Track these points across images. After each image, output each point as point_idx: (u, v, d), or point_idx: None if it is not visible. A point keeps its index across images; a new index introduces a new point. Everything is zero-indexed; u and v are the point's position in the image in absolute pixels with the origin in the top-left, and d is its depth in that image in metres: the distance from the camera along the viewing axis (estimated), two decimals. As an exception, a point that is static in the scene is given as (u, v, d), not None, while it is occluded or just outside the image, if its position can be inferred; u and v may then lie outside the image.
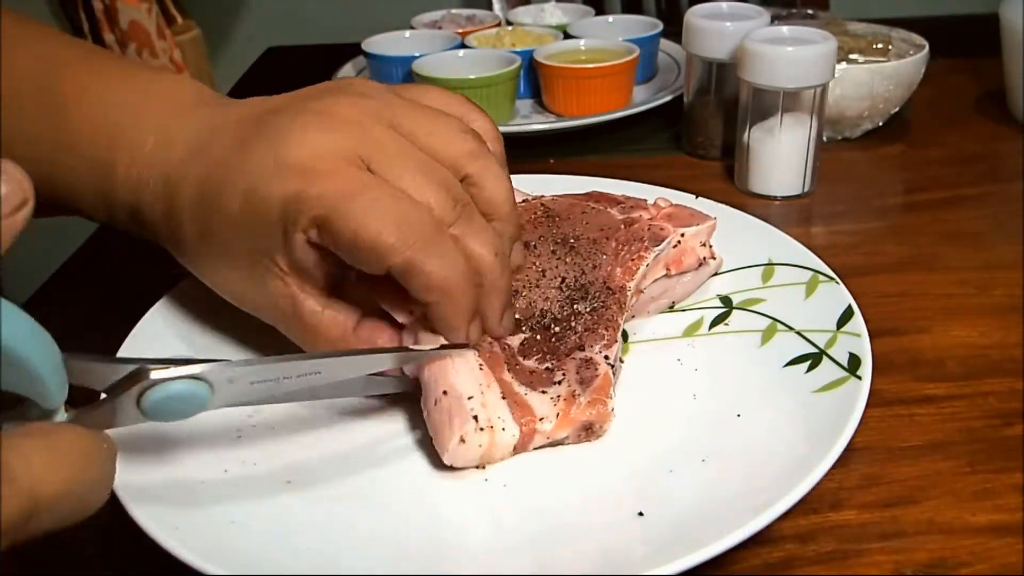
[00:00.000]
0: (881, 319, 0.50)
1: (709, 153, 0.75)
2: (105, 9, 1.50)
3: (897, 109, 0.76)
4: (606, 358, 0.42)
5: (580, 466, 0.39)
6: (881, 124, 0.78)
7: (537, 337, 0.43)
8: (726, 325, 0.48)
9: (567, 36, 0.90)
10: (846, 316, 0.45)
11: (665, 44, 0.94)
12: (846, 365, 0.42)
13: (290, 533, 0.36)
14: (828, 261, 0.50)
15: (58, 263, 0.65)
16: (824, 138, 0.74)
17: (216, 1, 1.86)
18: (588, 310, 0.44)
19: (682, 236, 0.49)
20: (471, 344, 0.41)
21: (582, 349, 0.42)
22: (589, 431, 0.40)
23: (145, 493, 0.35)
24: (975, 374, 0.47)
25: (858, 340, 0.43)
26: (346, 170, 0.38)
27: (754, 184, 0.68)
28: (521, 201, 0.52)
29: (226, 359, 0.45)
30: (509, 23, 0.98)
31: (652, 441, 0.40)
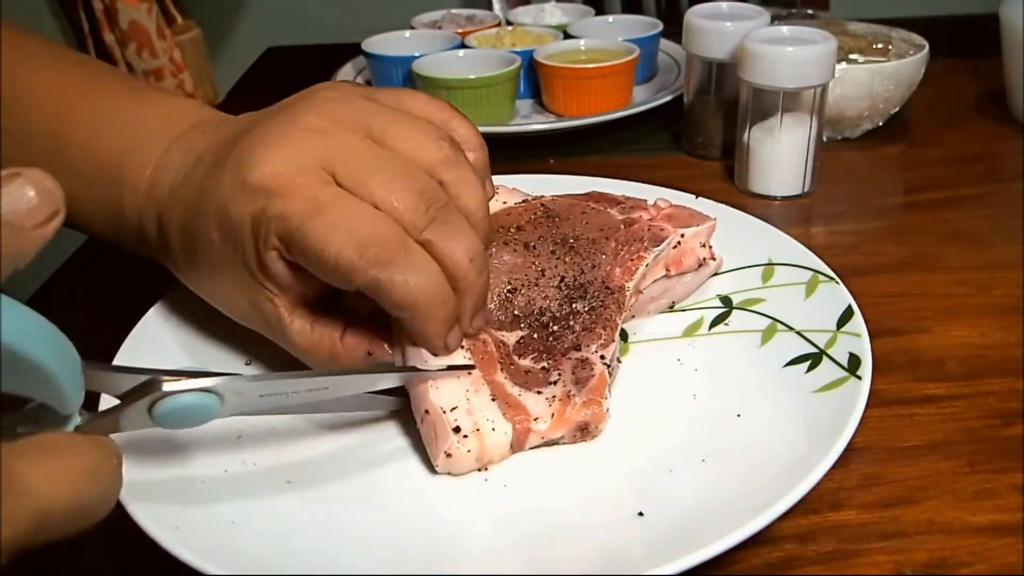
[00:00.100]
0: (881, 319, 0.50)
1: (709, 153, 0.75)
2: (105, 9, 1.50)
3: (897, 109, 0.76)
4: (602, 358, 0.41)
5: (580, 466, 0.39)
6: (881, 124, 0.78)
7: (534, 335, 0.43)
8: (726, 325, 0.48)
9: (567, 36, 0.90)
10: (846, 316, 0.45)
11: (665, 44, 0.94)
12: (846, 365, 0.42)
13: (290, 533, 0.36)
14: (828, 261, 0.50)
15: (58, 263, 0.65)
16: (824, 138, 0.74)
17: (216, 1, 1.86)
18: (586, 309, 0.44)
19: (682, 237, 0.49)
20: (452, 349, 0.40)
21: (579, 349, 0.42)
22: (585, 431, 0.40)
23: (145, 493, 0.35)
24: (975, 374, 0.47)
25: (858, 340, 0.43)
26: (308, 186, 0.38)
27: (754, 184, 0.68)
28: (521, 201, 0.52)
29: (227, 362, 0.46)
30: (509, 23, 0.98)
31: (652, 441, 0.40)
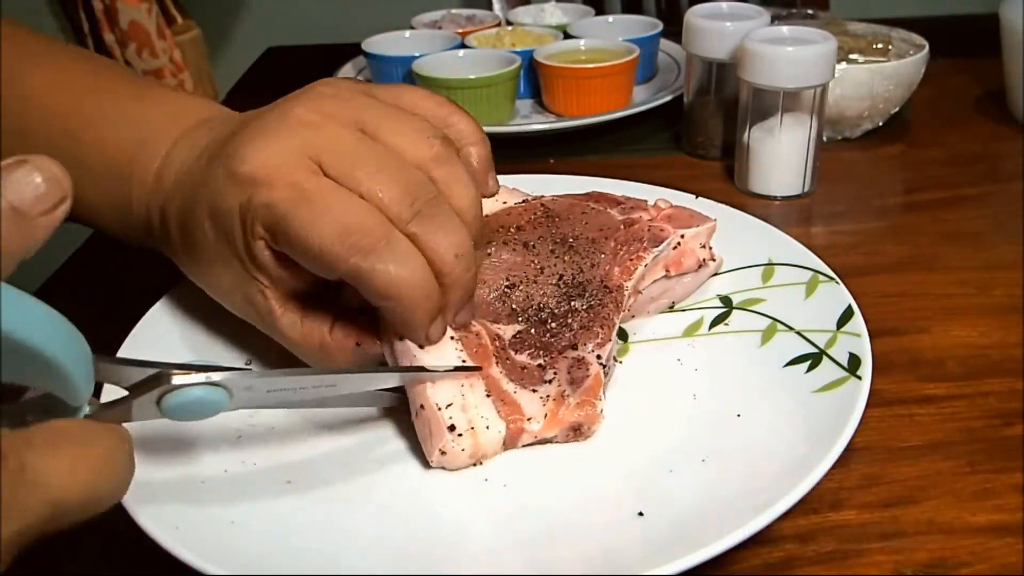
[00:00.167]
0: (881, 319, 0.50)
1: (709, 153, 0.75)
2: (105, 9, 1.50)
3: (897, 109, 0.76)
4: (598, 358, 0.41)
5: (580, 466, 0.39)
6: (881, 124, 0.78)
7: (532, 331, 0.43)
8: (726, 325, 0.48)
9: (567, 36, 0.90)
10: (846, 316, 0.45)
11: (665, 44, 0.94)
12: (846, 365, 0.42)
13: (290, 533, 0.36)
14: (828, 261, 0.50)
15: (60, 260, 0.65)
16: (824, 138, 0.74)
17: (216, 1, 1.86)
18: (584, 307, 0.44)
19: (682, 237, 0.49)
20: (434, 341, 0.40)
21: (575, 348, 0.42)
22: (578, 432, 0.40)
23: (145, 493, 0.35)
24: (975, 374, 0.47)
25: (858, 340, 0.43)
26: (293, 176, 0.38)
27: (754, 184, 0.68)
28: (521, 201, 0.52)
29: (227, 361, 0.46)
30: (509, 23, 0.98)
31: (652, 441, 0.40)
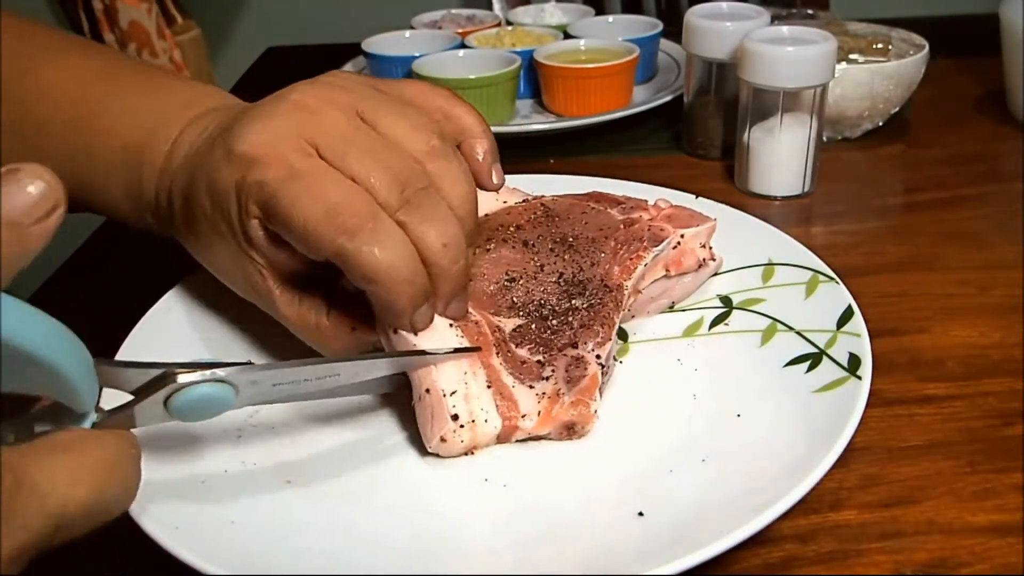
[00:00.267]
0: (881, 319, 0.50)
1: (709, 153, 0.75)
2: (105, 9, 1.50)
3: (897, 109, 0.76)
4: (598, 357, 0.41)
5: (580, 466, 0.39)
6: (881, 124, 0.78)
7: (532, 326, 0.43)
8: (726, 325, 0.48)
9: (567, 36, 0.90)
10: (846, 316, 0.45)
11: (665, 44, 0.94)
12: (846, 365, 0.42)
13: (290, 533, 0.36)
14: (828, 261, 0.50)
15: (59, 263, 0.65)
16: (824, 138, 0.74)
17: (216, 1, 1.86)
18: (585, 306, 0.44)
19: (682, 237, 0.49)
20: (420, 328, 0.40)
21: (575, 346, 0.42)
22: (571, 431, 0.40)
23: (145, 493, 0.35)
24: (975, 374, 0.47)
25: (858, 340, 0.43)
26: (288, 156, 0.38)
27: (754, 184, 0.68)
28: (521, 201, 0.52)
29: (230, 356, 0.46)
30: (509, 23, 0.98)
31: (652, 441, 0.40)
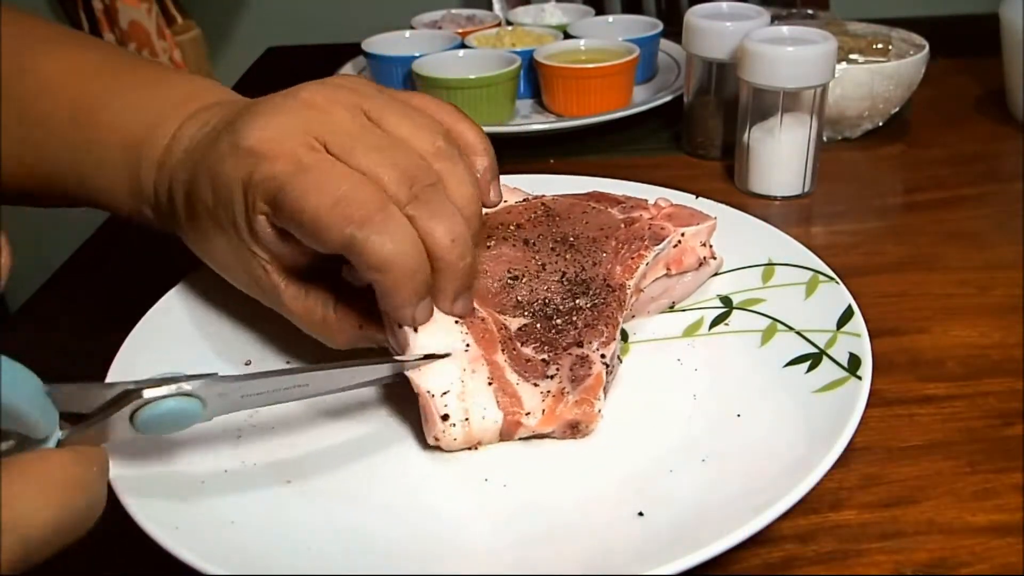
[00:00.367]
0: (881, 319, 0.50)
1: (709, 153, 0.75)
2: (105, 9, 1.50)
3: (897, 109, 0.76)
4: (602, 357, 0.41)
5: (580, 466, 0.39)
6: (881, 124, 0.78)
7: (537, 325, 0.43)
8: (726, 325, 0.48)
9: (567, 36, 0.90)
10: (846, 316, 0.45)
11: (665, 44, 0.94)
12: (846, 365, 0.42)
13: (290, 533, 0.36)
14: (828, 261, 0.50)
15: (59, 262, 0.65)
16: (824, 138, 0.74)
17: (216, 1, 1.86)
18: (588, 305, 0.44)
19: (682, 236, 0.49)
20: (420, 322, 0.40)
21: (580, 345, 0.42)
22: (575, 429, 0.40)
23: (145, 493, 0.35)
24: (975, 374, 0.47)
25: (858, 340, 0.43)
26: (296, 150, 0.38)
27: (754, 184, 0.68)
28: (521, 200, 0.52)
29: (229, 358, 0.46)
30: (509, 23, 0.98)
31: (652, 441, 0.40)
